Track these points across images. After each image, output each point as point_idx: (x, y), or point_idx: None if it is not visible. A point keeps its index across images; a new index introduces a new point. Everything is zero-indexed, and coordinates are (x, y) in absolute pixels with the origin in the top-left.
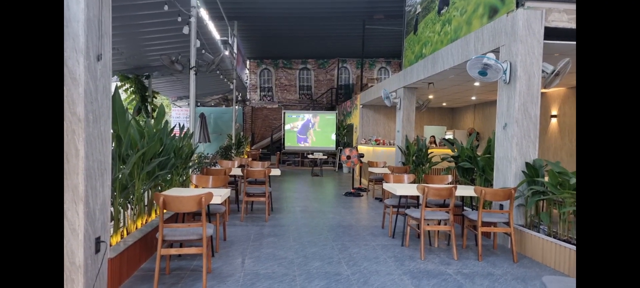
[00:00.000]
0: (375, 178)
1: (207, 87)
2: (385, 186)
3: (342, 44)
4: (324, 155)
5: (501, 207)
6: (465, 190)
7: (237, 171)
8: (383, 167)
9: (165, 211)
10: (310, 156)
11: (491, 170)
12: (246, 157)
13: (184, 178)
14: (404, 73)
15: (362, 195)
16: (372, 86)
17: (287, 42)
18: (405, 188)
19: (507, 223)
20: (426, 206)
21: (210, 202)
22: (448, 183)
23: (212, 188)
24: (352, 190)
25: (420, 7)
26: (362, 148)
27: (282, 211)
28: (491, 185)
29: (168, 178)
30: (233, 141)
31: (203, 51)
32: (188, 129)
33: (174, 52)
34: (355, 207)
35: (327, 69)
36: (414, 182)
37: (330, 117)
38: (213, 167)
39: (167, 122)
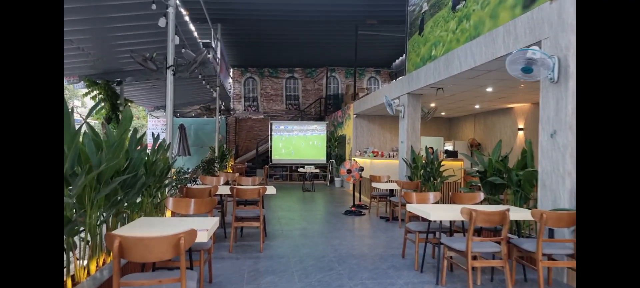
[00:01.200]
0: (380, 194)
1: (187, 96)
2: (413, 208)
3: (332, 52)
4: (315, 168)
5: (552, 233)
6: (518, 214)
7: (224, 189)
8: (387, 181)
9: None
10: (300, 170)
11: (531, 186)
12: (230, 170)
13: (159, 200)
14: (407, 78)
15: (364, 214)
16: (366, 95)
17: (274, 49)
18: (441, 211)
19: (571, 255)
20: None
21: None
22: (481, 203)
23: (195, 215)
24: (352, 208)
25: (426, 5)
26: (357, 161)
27: (278, 236)
28: (530, 205)
29: (138, 201)
30: (216, 154)
31: (183, 49)
32: (164, 140)
33: (149, 49)
34: (362, 229)
35: (315, 78)
36: (439, 202)
37: (320, 128)
38: (194, 185)
39: (135, 130)
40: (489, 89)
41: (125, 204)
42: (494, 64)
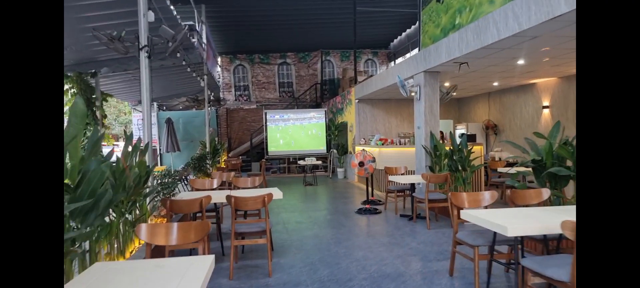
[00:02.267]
0: (398, 189)
1: (172, 87)
2: (474, 217)
3: (326, 33)
4: (316, 159)
5: None
6: None
7: (218, 197)
8: (404, 173)
9: None
10: (301, 162)
11: None
12: (223, 165)
13: (136, 215)
14: (423, 54)
15: (379, 211)
16: (367, 78)
17: (264, 33)
18: (522, 222)
19: None
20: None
21: None
22: (545, 202)
23: (180, 243)
24: (366, 206)
25: None
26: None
27: (287, 249)
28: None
29: (107, 220)
30: (207, 149)
31: (161, 26)
32: (139, 139)
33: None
34: (384, 234)
35: (309, 62)
36: (496, 201)
37: (319, 116)
38: (179, 198)
39: (94, 129)
40: (520, 62)
41: (86, 231)
42: (544, 27)
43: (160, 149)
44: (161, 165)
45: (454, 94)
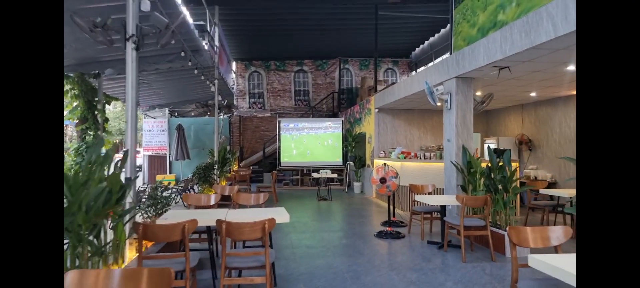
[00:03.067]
0: (425, 210)
1: (184, 93)
2: (540, 263)
3: (345, 40)
4: (331, 171)
5: None
6: None
7: (211, 217)
8: (431, 193)
9: None
10: (315, 175)
11: None
12: (233, 175)
13: (100, 242)
14: (456, 57)
15: (402, 235)
16: (389, 86)
17: (280, 39)
18: None
19: None
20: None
21: None
22: None
23: None
24: (387, 229)
25: None
26: (381, 164)
27: (294, 285)
28: None
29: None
30: (216, 158)
31: (153, 13)
32: (126, 152)
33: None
34: (414, 267)
35: (327, 70)
36: (572, 238)
37: (335, 126)
38: (168, 215)
39: (94, 135)
40: (571, 68)
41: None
42: None
43: (169, 157)
44: (170, 173)
45: (487, 104)
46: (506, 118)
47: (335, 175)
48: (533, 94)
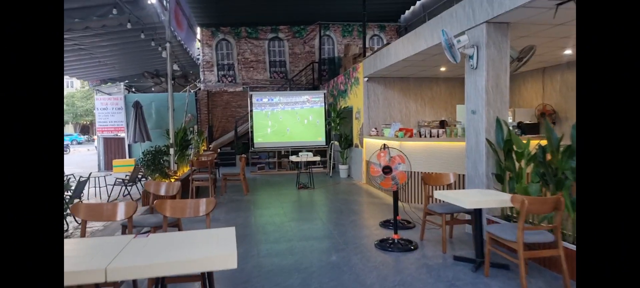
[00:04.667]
0: (451, 211)
1: (138, 63)
2: None
3: (325, 3)
4: (313, 153)
5: None
6: None
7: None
8: (452, 185)
9: None
10: (293, 158)
11: None
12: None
13: None
14: None
15: (415, 246)
16: (386, 45)
17: (251, 1)
18: None
19: None
20: None
21: None
22: None
23: None
24: (394, 236)
25: None
26: (372, 143)
27: None
28: None
29: None
30: (171, 141)
31: None
32: None
33: None
34: None
35: (305, 38)
36: None
37: (316, 99)
38: None
39: None
40: None
41: None
42: None
43: (127, 139)
44: (130, 157)
45: (525, 62)
46: (523, 85)
47: (317, 158)
48: (568, 52)
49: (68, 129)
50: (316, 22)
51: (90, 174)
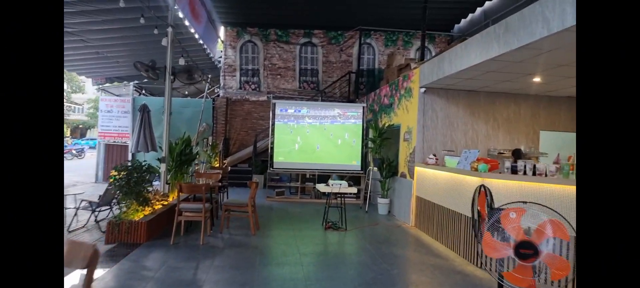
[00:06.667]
0: None
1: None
2: None
3: (367, 6)
4: (348, 183)
5: None
6: None
7: None
8: None
9: None
10: (322, 188)
11: None
12: (174, 195)
13: None
14: None
15: None
16: (457, 43)
17: (284, 0)
18: None
19: None
20: None
21: None
22: None
23: None
24: None
25: None
26: (428, 175)
27: None
28: None
29: None
30: (163, 154)
31: None
32: None
33: None
34: None
35: (343, 45)
36: None
37: (353, 114)
38: None
39: None
40: None
41: None
42: None
43: (131, 147)
44: None
45: None
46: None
47: (353, 190)
48: None
49: (91, 133)
50: (356, 27)
51: None
